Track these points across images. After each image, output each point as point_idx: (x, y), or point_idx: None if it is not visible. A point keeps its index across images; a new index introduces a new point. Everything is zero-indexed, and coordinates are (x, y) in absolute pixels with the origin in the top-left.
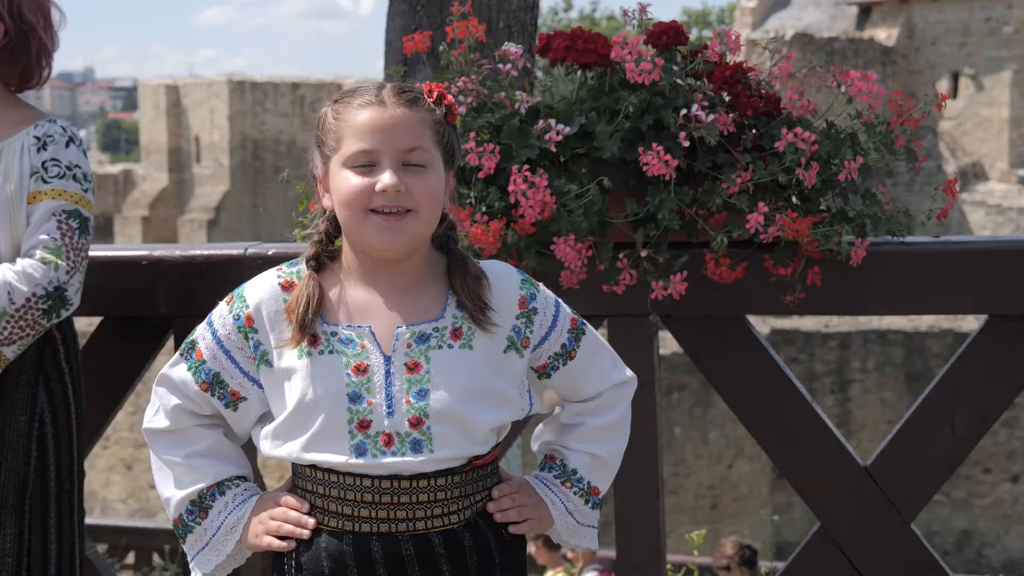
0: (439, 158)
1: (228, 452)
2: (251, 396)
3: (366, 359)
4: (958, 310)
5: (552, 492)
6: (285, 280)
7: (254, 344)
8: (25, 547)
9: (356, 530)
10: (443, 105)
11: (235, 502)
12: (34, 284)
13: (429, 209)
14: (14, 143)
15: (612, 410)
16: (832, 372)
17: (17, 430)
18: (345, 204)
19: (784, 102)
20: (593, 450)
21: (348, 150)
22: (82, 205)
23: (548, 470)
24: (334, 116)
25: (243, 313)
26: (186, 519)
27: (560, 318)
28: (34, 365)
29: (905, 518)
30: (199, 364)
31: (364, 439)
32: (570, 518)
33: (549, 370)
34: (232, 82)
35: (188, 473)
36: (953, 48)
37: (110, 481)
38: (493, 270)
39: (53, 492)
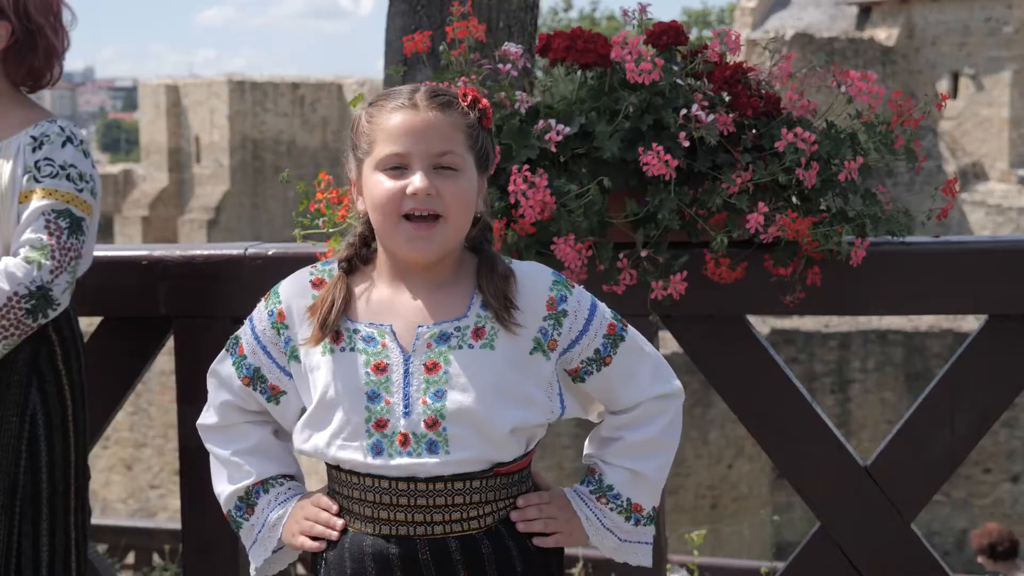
0: (471, 162)
1: (274, 450)
2: (290, 390)
3: (385, 358)
4: (958, 310)
5: (587, 506)
6: (316, 278)
7: (285, 339)
8: (15, 549)
9: (376, 532)
10: (477, 109)
11: (277, 500)
12: (16, 283)
13: (459, 214)
14: (12, 143)
15: (652, 424)
16: (832, 372)
17: (7, 431)
18: (377, 208)
19: (784, 102)
20: (632, 466)
21: (380, 153)
22: (75, 205)
23: (586, 484)
24: (367, 119)
25: (276, 309)
26: (235, 515)
27: (595, 322)
28: (27, 366)
29: (905, 518)
30: (241, 359)
31: (381, 438)
32: (609, 535)
33: (582, 374)
34: (232, 82)
35: (236, 470)
36: (953, 48)
37: (110, 481)
38: (524, 269)
39: (45, 494)
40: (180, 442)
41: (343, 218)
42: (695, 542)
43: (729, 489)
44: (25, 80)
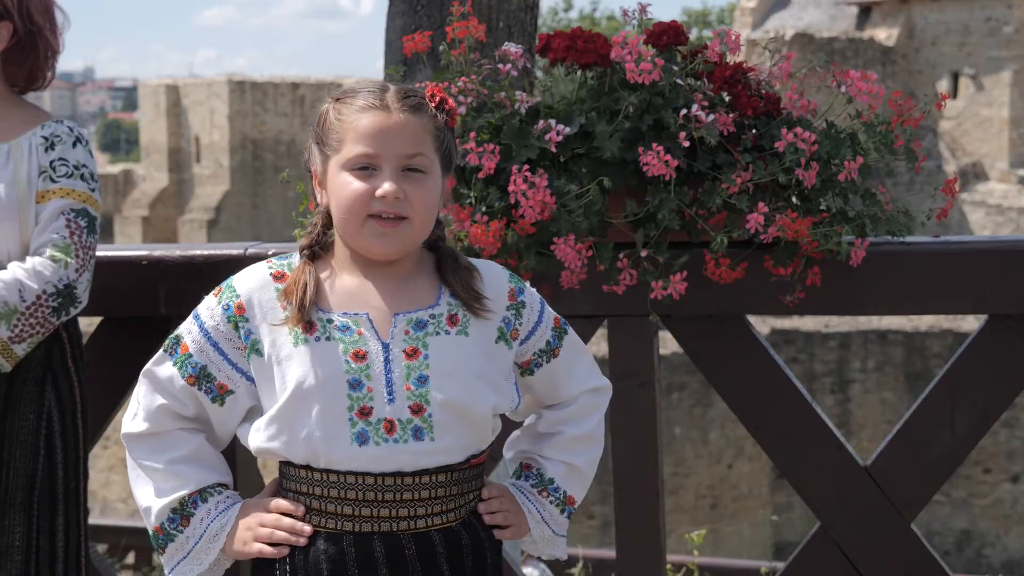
0: (438, 164)
1: (210, 458)
2: (239, 389)
3: (364, 346)
4: (958, 310)
5: (529, 501)
6: (277, 271)
7: (244, 333)
8: (34, 545)
9: (357, 530)
10: (445, 111)
11: (217, 509)
12: (44, 282)
13: (425, 216)
14: (22, 143)
15: (589, 419)
16: (832, 372)
17: (26, 428)
18: (343, 207)
19: (784, 102)
20: (570, 460)
21: (349, 152)
22: (89, 204)
23: (525, 479)
24: (336, 116)
25: (233, 303)
26: (167, 527)
27: (545, 315)
28: (41, 364)
29: (905, 518)
30: (185, 358)
31: (365, 426)
32: (546, 527)
33: (533, 367)
34: (232, 82)
35: (169, 480)
36: (953, 48)
37: (110, 481)
38: (482, 264)
39: (60, 490)
40: None
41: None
42: (695, 542)
43: (729, 489)
44: (24, 81)
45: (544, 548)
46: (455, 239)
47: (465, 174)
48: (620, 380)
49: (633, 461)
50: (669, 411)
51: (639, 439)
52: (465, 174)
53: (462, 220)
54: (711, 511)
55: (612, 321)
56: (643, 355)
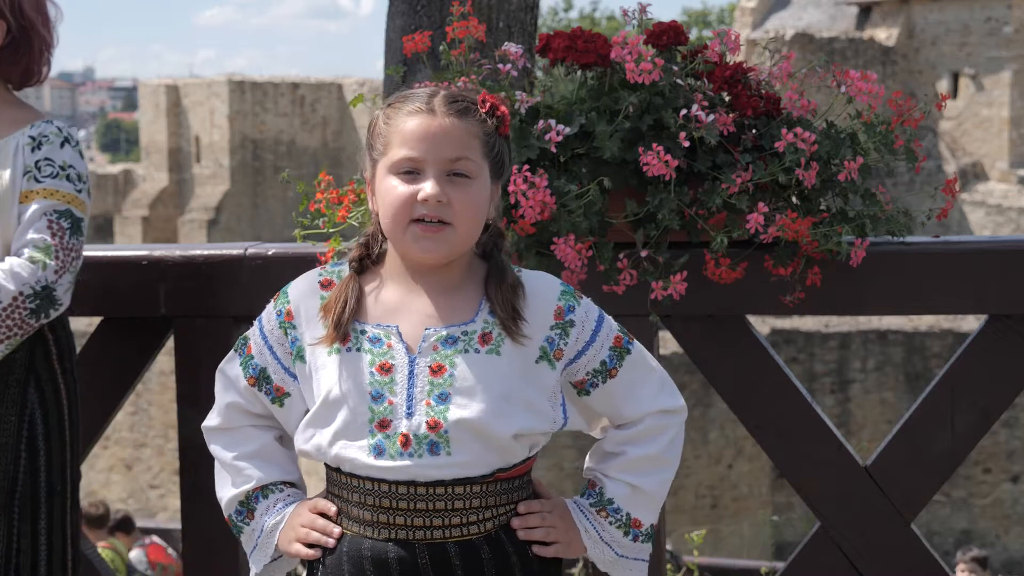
0: (486, 169)
1: (277, 456)
2: (294, 392)
3: (391, 359)
4: (958, 310)
5: (586, 519)
6: (325, 279)
7: (292, 340)
8: (14, 548)
9: (375, 535)
10: (495, 116)
11: (276, 507)
12: (21, 283)
13: (469, 222)
14: (9, 142)
15: (656, 440)
16: (832, 372)
17: (6, 431)
18: (388, 211)
19: (784, 102)
20: (634, 481)
21: (394, 156)
22: (75, 205)
23: (586, 496)
24: (385, 121)
25: (284, 308)
26: (235, 520)
27: (602, 333)
28: (24, 365)
29: (905, 518)
30: (248, 359)
31: (383, 439)
32: (607, 548)
33: (587, 386)
34: (232, 82)
35: (238, 474)
36: (953, 48)
37: (110, 481)
38: (532, 279)
39: (44, 493)
40: (180, 442)
41: (343, 218)
42: (695, 542)
43: (729, 489)
44: (19, 78)
45: (610, 570)
46: None
47: None
48: None
49: None
50: None
51: None
52: None
53: None
54: (711, 511)
55: None
56: None
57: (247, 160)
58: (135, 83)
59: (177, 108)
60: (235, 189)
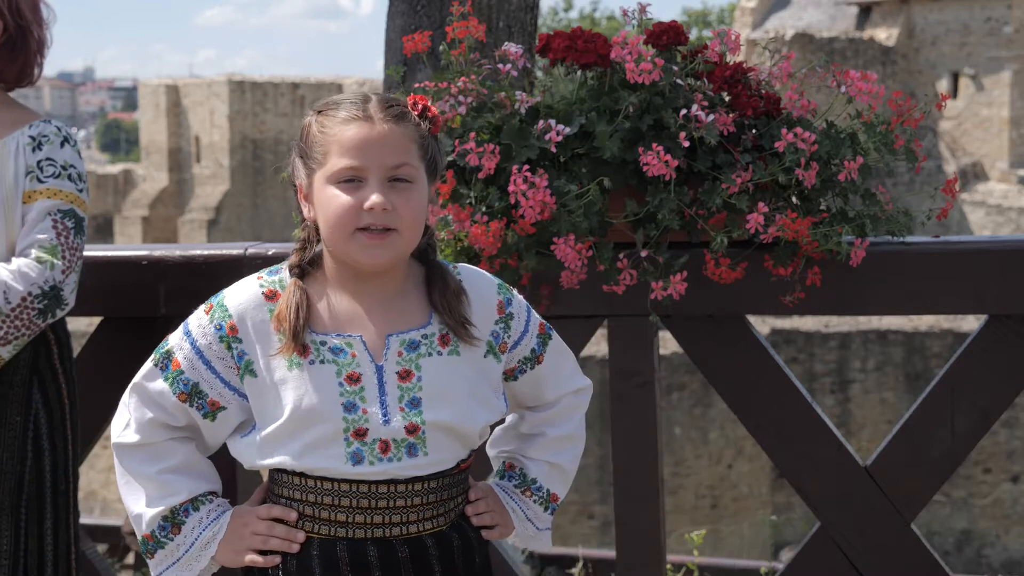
0: (423, 172)
1: (201, 467)
2: (231, 406)
3: (358, 368)
4: (958, 310)
5: (513, 500)
6: (268, 290)
7: (238, 354)
8: (22, 548)
9: (350, 536)
10: (428, 118)
11: (209, 518)
12: (30, 283)
13: (413, 226)
14: (9, 143)
15: (571, 420)
16: (832, 372)
17: (12, 431)
18: (331, 222)
19: (784, 102)
20: (553, 459)
21: (335, 166)
22: (77, 205)
23: (508, 479)
24: (320, 129)
25: (226, 323)
26: (158, 535)
27: (531, 323)
28: (28, 366)
29: (905, 518)
30: (176, 375)
31: (361, 446)
32: (529, 525)
33: (517, 373)
34: (232, 82)
35: (160, 489)
36: (953, 48)
37: (110, 481)
38: (471, 277)
39: (49, 493)
40: None
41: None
42: (695, 542)
43: (729, 489)
44: (15, 78)
45: (528, 543)
46: (455, 239)
47: (465, 174)
48: (620, 380)
49: (633, 461)
50: (669, 411)
51: (639, 439)
52: (465, 174)
53: (462, 220)
54: (711, 511)
55: (612, 321)
56: (643, 355)
57: (247, 160)
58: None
59: (177, 108)
60: (235, 189)
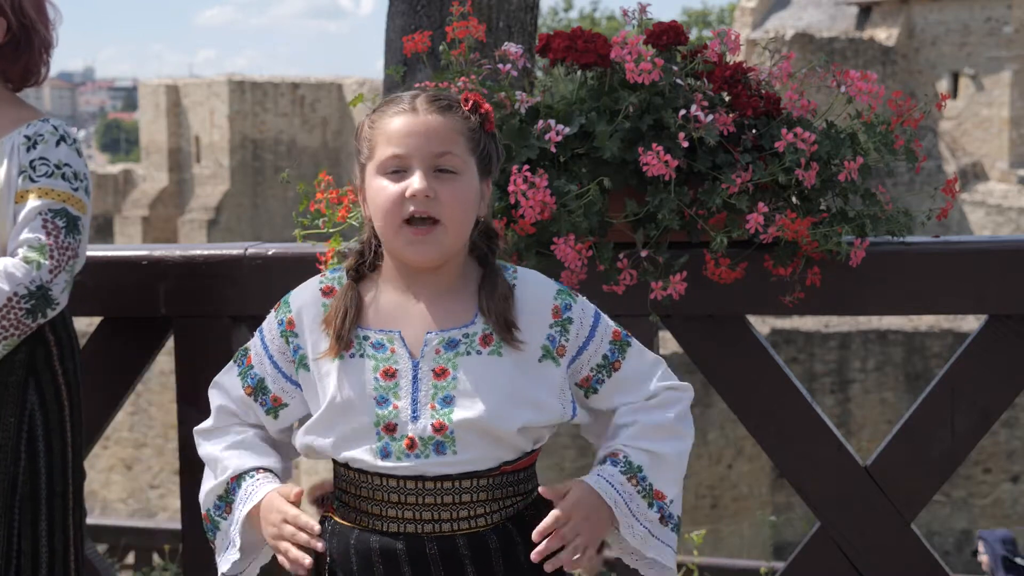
0: (473, 165)
1: (258, 446)
2: (293, 402)
3: (395, 363)
4: (958, 310)
5: (614, 490)
6: (327, 286)
7: (294, 348)
8: (15, 550)
9: (384, 529)
10: (479, 113)
11: (246, 493)
12: (15, 283)
13: (458, 217)
14: (5, 143)
15: (667, 410)
16: (832, 372)
17: (5, 431)
18: (379, 212)
19: (784, 102)
20: (651, 447)
21: (381, 156)
22: (71, 204)
23: (610, 463)
24: (370, 125)
25: (286, 318)
26: (213, 515)
27: (600, 328)
28: (24, 366)
29: (905, 518)
30: (247, 370)
31: (390, 441)
32: (636, 523)
33: (594, 383)
34: (232, 82)
35: (217, 466)
36: (953, 48)
37: (110, 481)
38: (528, 279)
39: (44, 494)
40: (180, 442)
41: (343, 218)
42: (695, 542)
43: (729, 489)
44: (19, 77)
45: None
46: None
47: None
48: None
49: None
50: None
51: None
52: None
53: None
54: (711, 511)
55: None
56: None
57: (247, 160)
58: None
59: (177, 108)
60: (235, 189)
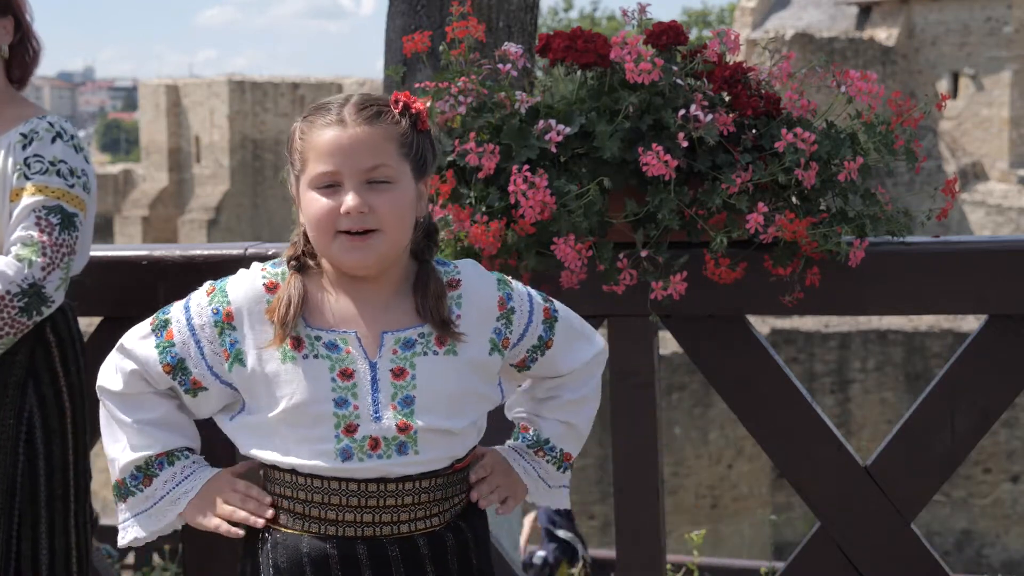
0: (407, 170)
1: (180, 423)
2: (212, 388)
3: (351, 364)
4: (958, 310)
5: (524, 460)
6: (270, 281)
7: (230, 342)
8: (14, 552)
9: (340, 534)
10: (410, 115)
11: (183, 474)
12: (7, 282)
13: (396, 226)
14: (2, 140)
15: (586, 383)
16: (832, 372)
17: (4, 433)
18: (312, 225)
19: (784, 102)
20: (566, 419)
21: (312, 171)
22: (66, 200)
23: (521, 440)
24: (300, 136)
25: (223, 308)
26: (129, 483)
27: (535, 312)
28: (23, 367)
29: (905, 518)
30: (167, 345)
31: (350, 443)
32: (541, 483)
33: (528, 363)
34: (232, 82)
35: (137, 438)
36: (953, 48)
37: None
38: (469, 277)
39: (44, 496)
40: None
41: None
42: (695, 542)
43: (729, 489)
44: (19, 77)
45: (541, 500)
46: (455, 239)
47: (465, 174)
48: (620, 380)
49: (633, 461)
50: (669, 411)
51: (639, 439)
52: (465, 174)
53: (462, 220)
54: (711, 511)
55: (612, 321)
56: (643, 355)
57: (247, 160)
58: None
59: (177, 108)
60: (235, 189)
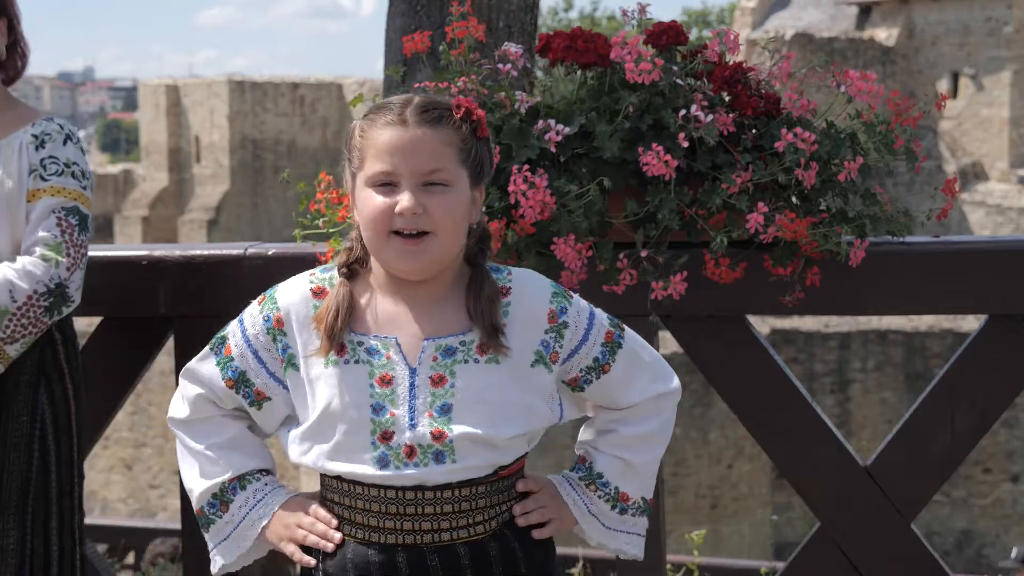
0: (464, 176)
1: (250, 445)
2: (276, 397)
3: (391, 370)
4: (958, 310)
5: (574, 491)
6: (317, 286)
7: (282, 347)
8: (28, 548)
9: (382, 541)
10: (471, 121)
11: (256, 497)
12: (35, 281)
13: (449, 230)
14: (12, 142)
15: (648, 421)
16: (832, 372)
17: (19, 430)
18: (367, 223)
19: (784, 102)
20: (624, 456)
21: (370, 170)
22: (81, 202)
23: (575, 470)
24: (360, 133)
25: (273, 315)
26: (207, 512)
27: (593, 331)
28: (35, 366)
29: (905, 518)
30: (227, 361)
31: (387, 450)
32: (595, 521)
33: (582, 383)
34: (232, 82)
35: (209, 464)
36: (953, 48)
37: (110, 481)
38: (523, 281)
39: (54, 493)
40: None
41: (343, 218)
42: (695, 542)
43: (729, 489)
44: (12, 77)
45: (604, 541)
46: None
47: None
48: None
49: None
50: None
51: None
52: None
53: None
54: (711, 511)
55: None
56: None
57: (247, 160)
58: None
59: (177, 108)
60: (235, 189)
